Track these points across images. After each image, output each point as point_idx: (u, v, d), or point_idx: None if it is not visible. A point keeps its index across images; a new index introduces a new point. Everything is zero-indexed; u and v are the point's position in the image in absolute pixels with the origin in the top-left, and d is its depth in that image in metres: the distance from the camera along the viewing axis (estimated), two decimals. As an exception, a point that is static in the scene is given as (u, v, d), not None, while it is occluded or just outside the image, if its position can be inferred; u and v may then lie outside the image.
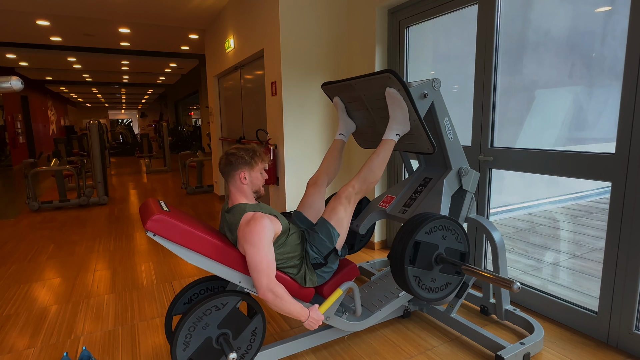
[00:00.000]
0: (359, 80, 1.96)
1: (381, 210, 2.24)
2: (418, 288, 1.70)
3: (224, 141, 5.85)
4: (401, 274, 1.67)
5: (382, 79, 1.83)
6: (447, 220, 1.75)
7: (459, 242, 1.79)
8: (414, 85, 1.86)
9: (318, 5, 3.41)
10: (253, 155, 1.78)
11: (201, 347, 1.60)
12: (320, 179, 2.14)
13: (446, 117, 1.96)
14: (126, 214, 5.13)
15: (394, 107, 1.85)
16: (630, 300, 1.87)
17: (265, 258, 1.59)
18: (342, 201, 1.82)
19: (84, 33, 6.33)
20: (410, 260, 1.68)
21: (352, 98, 2.12)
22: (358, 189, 1.84)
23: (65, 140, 10.74)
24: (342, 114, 2.25)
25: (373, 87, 1.93)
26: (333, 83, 2.15)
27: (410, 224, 1.72)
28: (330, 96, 2.28)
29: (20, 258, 3.47)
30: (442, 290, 1.78)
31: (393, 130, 1.88)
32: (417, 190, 2.17)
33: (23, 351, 2.04)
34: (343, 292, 1.82)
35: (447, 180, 2.02)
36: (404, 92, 1.79)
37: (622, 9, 1.89)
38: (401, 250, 1.67)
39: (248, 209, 1.73)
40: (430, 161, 2.23)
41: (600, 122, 2.34)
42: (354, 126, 2.28)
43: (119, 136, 18.13)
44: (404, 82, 1.78)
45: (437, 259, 1.72)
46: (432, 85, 1.88)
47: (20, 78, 1.18)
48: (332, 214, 1.82)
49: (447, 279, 1.78)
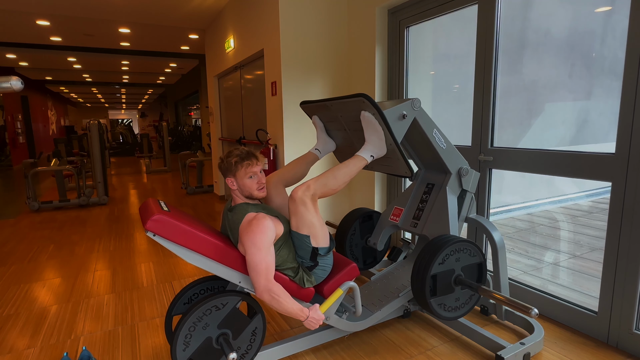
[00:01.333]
0: (334, 102, 1.93)
1: (393, 225, 2.30)
2: (445, 312, 1.83)
3: (224, 141, 5.85)
4: (427, 307, 1.80)
5: (356, 103, 1.80)
6: (455, 244, 1.80)
7: (472, 257, 1.86)
8: (389, 108, 1.81)
9: (318, 5, 3.41)
10: (233, 163, 1.73)
11: (201, 347, 1.60)
12: (271, 181, 2.05)
13: (434, 129, 1.95)
14: (126, 214, 5.13)
15: (369, 131, 1.82)
16: (630, 300, 1.87)
17: (265, 259, 1.59)
18: (298, 207, 1.72)
19: (84, 33, 6.33)
20: (431, 293, 1.78)
21: (330, 118, 2.10)
22: (314, 190, 1.72)
23: (65, 140, 10.74)
24: (321, 133, 2.20)
25: (349, 110, 1.89)
26: (311, 102, 2.13)
27: (422, 258, 1.79)
28: (309, 114, 2.25)
29: (20, 258, 3.47)
30: (467, 304, 1.89)
31: (368, 151, 1.84)
32: (423, 200, 2.20)
33: (23, 351, 2.04)
34: (343, 292, 1.82)
35: (450, 187, 2.05)
36: (378, 117, 1.76)
37: (622, 9, 1.89)
38: (420, 288, 1.77)
39: (250, 209, 1.73)
40: (429, 165, 2.23)
41: (599, 122, 2.34)
42: (333, 145, 2.24)
43: (119, 136, 18.13)
44: (378, 106, 1.74)
45: (456, 281, 1.83)
46: (411, 105, 1.85)
47: (20, 78, 1.18)
48: (300, 224, 1.74)
49: (469, 292, 1.88)
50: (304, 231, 1.74)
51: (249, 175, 1.74)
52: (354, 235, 2.45)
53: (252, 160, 1.75)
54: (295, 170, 2.10)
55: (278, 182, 2.05)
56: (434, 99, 3.39)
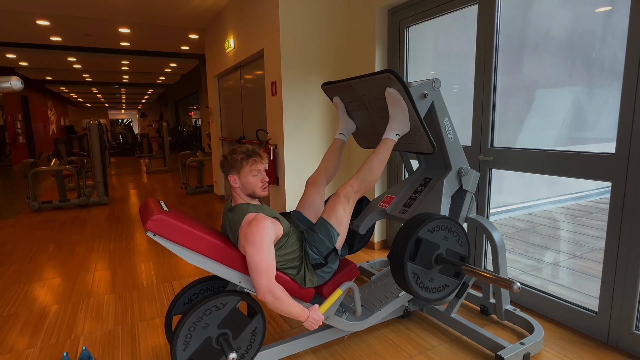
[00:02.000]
0: (358, 80, 1.96)
1: (381, 210, 2.24)
2: (416, 285, 1.68)
3: (224, 141, 5.85)
4: (400, 269, 1.66)
5: (382, 79, 1.83)
6: (450, 221, 1.75)
7: (460, 245, 1.78)
8: (414, 85, 1.85)
9: (318, 6, 3.41)
10: (239, 159, 1.73)
11: (201, 347, 1.60)
12: (319, 178, 2.14)
13: (446, 117, 1.96)
14: (126, 214, 5.13)
15: (394, 107, 1.85)
16: (630, 300, 1.87)
17: (266, 259, 1.59)
18: (341, 200, 1.81)
19: (84, 33, 6.33)
20: (410, 257, 1.66)
21: (352, 98, 2.12)
22: (357, 188, 1.83)
23: (65, 140, 10.73)
24: (342, 114, 2.24)
25: (373, 87, 1.92)
26: (333, 83, 2.15)
27: (413, 220, 1.71)
28: (330, 96, 2.28)
29: (20, 258, 3.47)
30: (439, 292, 1.76)
31: (393, 130, 1.87)
32: (417, 191, 2.17)
33: (23, 351, 2.04)
34: (343, 292, 1.82)
35: (447, 181, 2.02)
36: (404, 92, 1.79)
37: (622, 9, 1.89)
38: (402, 245, 1.65)
39: (250, 209, 1.73)
40: (430, 161, 2.23)
41: (600, 123, 2.34)
42: (354, 126, 2.28)
43: (119, 136, 18.12)
44: (404, 82, 1.77)
45: (437, 258, 1.71)
46: (432, 85, 1.88)
47: (20, 78, 1.18)
48: (332, 214, 1.81)
49: (445, 280, 1.77)
50: (332, 222, 1.80)
51: (254, 172, 1.74)
52: None
53: (257, 158, 1.75)
54: (333, 164, 2.19)
55: (324, 181, 2.15)
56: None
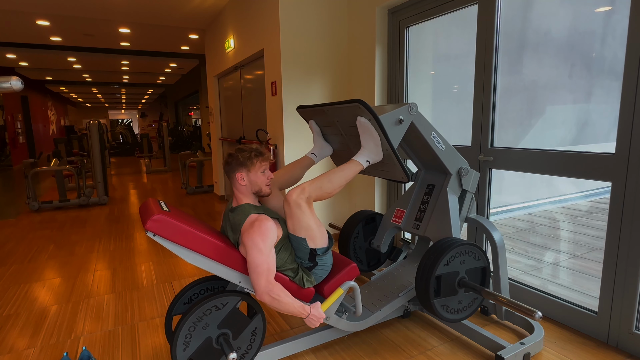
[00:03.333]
0: (330, 107, 1.93)
1: (395, 226, 2.31)
2: (448, 314, 1.83)
3: (224, 141, 5.85)
4: (430, 308, 1.79)
5: (352, 108, 1.79)
6: (461, 247, 1.80)
7: (477, 260, 1.86)
8: (387, 112, 1.80)
9: (318, 6, 3.41)
10: (250, 157, 1.74)
11: (201, 347, 1.60)
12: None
13: (432, 132, 1.95)
14: (126, 214, 5.13)
15: (365, 137, 1.81)
16: (630, 300, 1.87)
17: (266, 261, 1.59)
18: (293, 210, 1.71)
19: (84, 33, 6.33)
20: (435, 294, 1.78)
21: (326, 123, 2.09)
22: (309, 193, 1.71)
23: (65, 140, 10.73)
24: (318, 138, 2.20)
25: (345, 115, 1.89)
26: (307, 107, 2.13)
27: (428, 259, 1.80)
28: (306, 119, 2.25)
29: (20, 258, 3.47)
30: (470, 307, 1.89)
31: (363, 156, 1.84)
32: (424, 201, 2.20)
33: (23, 351, 2.04)
34: (344, 292, 1.82)
35: (450, 187, 2.05)
36: (374, 122, 1.75)
37: (622, 9, 1.89)
38: (424, 288, 1.77)
39: (252, 210, 1.73)
40: (429, 166, 2.23)
41: (600, 122, 2.34)
42: (330, 150, 2.23)
43: (119, 136, 18.12)
44: (374, 112, 1.73)
45: (460, 283, 1.83)
46: (408, 110, 1.83)
47: (20, 78, 1.18)
48: (296, 227, 1.73)
49: (472, 295, 1.88)
50: (301, 234, 1.73)
51: (263, 169, 1.78)
52: (357, 238, 2.45)
53: (265, 156, 1.80)
54: (290, 173, 2.11)
55: (273, 185, 2.05)
56: (434, 99, 3.39)
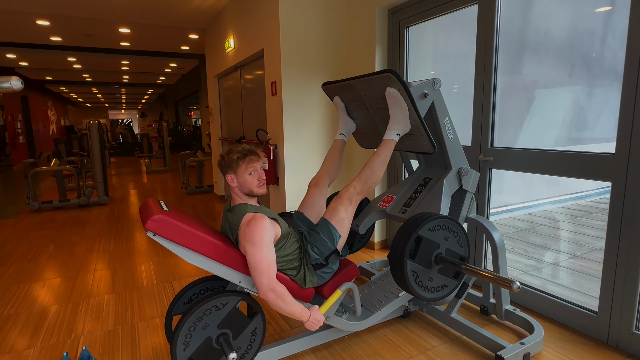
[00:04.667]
0: (359, 80, 1.96)
1: (381, 210, 2.24)
2: (415, 284, 1.69)
3: (224, 141, 5.85)
4: (400, 266, 1.66)
5: (382, 79, 1.83)
6: (451, 221, 1.75)
7: (460, 246, 1.78)
8: (414, 85, 1.85)
9: (318, 6, 3.41)
10: (234, 159, 1.73)
11: (201, 347, 1.60)
12: (321, 180, 2.14)
13: (446, 117, 1.96)
14: (126, 214, 5.13)
15: (394, 107, 1.85)
16: (630, 300, 1.87)
17: (266, 258, 1.59)
18: (343, 202, 1.82)
19: (84, 33, 6.33)
20: (410, 255, 1.67)
21: (352, 98, 2.12)
22: (359, 189, 1.84)
23: (65, 140, 10.74)
24: (343, 114, 2.24)
25: (373, 87, 1.92)
26: (333, 83, 2.15)
27: (414, 218, 1.72)
28: (331, 96, 2.28)
29: (20, 258, 3.47)
30: (438, 292, 1.76)
31: (393, 130, 1.87)
32: (417, 190, 2.17)
33: (23, 351, 2.04)
34: (343, 293, 1.82)
35: (447, 180, 2.02)
36: (404, 92, 1.79)
37: (622, 9, 1.89)
38: (403, 242, 1.66)
39: (249, 209, 1.73)
40: (430, 161, 2.23)
41: (600, 122, 2.34)
42: (354, 126, 2.28)
43: (119, 136, 18.12)
44: (404, 81, 1.77)
45: (437, 258, 1.71)
46: (432, 85, 1.88)
47: (20, 78, 1.18)
48: (334, 215, 1.82)
49: (444, 280, 1.77)
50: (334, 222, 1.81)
51: (250, 171, 1.74)
52: None
53: (253, 157, 1.76)
54: (334, 165, 2.19)
55: (325, 183, 2.14)
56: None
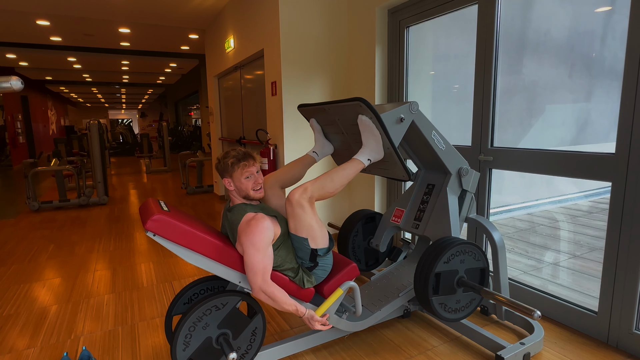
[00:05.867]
0: (332, 106, 1.93)
1: (395, 226, 2.31)
2: (445, 313, 1.82)
3: (224, 141, 5.85)
4: (428, 305, 1.79)
5: (353, 107, 1.79)
6: (462, 245, 1.80)
7: (477, 260, 1.87)
8: (387, 112, 1.80)
9: (318, 5, 3.41)
10: (232, 164, 1.72)
11: (201, 347, 1.60)
12: (268, 182, 2.03)
13: (432, 131, 1.95)
14: (126, 214, 5.13)
15: (366, 135, 1.81)
16: (630, 300, 1.87)
17: (262, 259, 1.60)
18: (295, 210, 1.70)
19: (84, 33, 6.33)
20: (433, 291, 1.78)
21: (327, 121, 2.09)
22: (311, 193, 1.70)
23: (65, 140, 10.73)
24: (319, 136, 2.20)
25: (346, 113, 1.89)
26: (308, 105, 2.13)
27: (428, 256, 1.80)
28: (307, 117, 2.25)
29: (20, 258, 3.47)
30: (467, 307, 1.89)
31: (364, 155, 1.83)
32: (424, 200, 2.20)
33: (23, 351, 2.04)
34: (343, 292, 1.82)
35: (450, 187, 2.05)
36: (375, 121, 1.75)
37: (622, 9, 1.89)
38: (423, 284, 1.77)
39: (249, 209, 1.73)
40: (429, 165, 2.23)
41: (599, 122, 2.34)
42: (331, 148, 2.23)
43: (119, 136, 18.12)
44: (375, 110, 1.73)
45: (459, 282, 1.83)
46: (409, 109, 1.83)
47: (20, 78, 1.18)
48: (298, 226, 1.72)
49: (471, 296, 1.88)
50: (303, 234, 1.73)
51: (246, 175, 1.73)
52: (356, 237, 2.45)
53: (248, 161, 1.74)
54: (292, 172, 2.09)
55: (274, 184, 2.04)
56: (434, 99, 3.39)
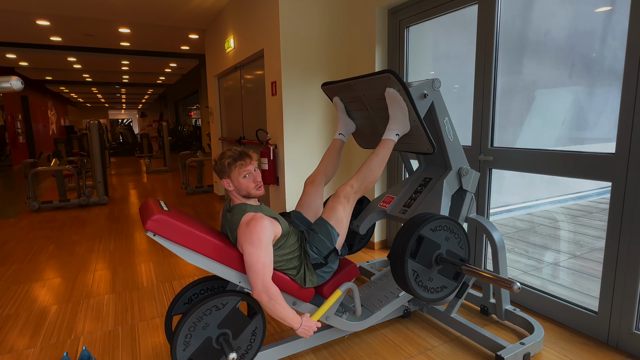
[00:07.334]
0: (358, 81, 1.96)
1: (381, 211, 2.24)
2: (415, 284, 1.68)
3: (224, 141, 5.85)
4: (401, 265, 1.65)
5: (381, 79, 1.83)
6: (452, 222, 1.75)
7: (460, 248, 1.78)
8: (413, 86, 1.85)
9: (318, 6, 3.41)
10: (228, 164, 1.72)
11: (201, 347, 1.60)
12: (317, 178, 2.14)
13: (446, 117, 1.96)
14: (126, 214, 5.13)
15: (393, 108, 1.85)
16: (630, 300, 1.87)
17: (262, 259, 1.59)
18: (340, 200, 1.81)
19: (84, 33, 6.32)
20: (411, 254, 1.67)
21: (351, 98, 2.12)
22: (357, 188, 1.83)
23: (65, 140, 10.73)
24: (342, 114, 2.24)
25: (373, 87, 1.92)
26: (333, 83, 2.15)
27: (416, 218, 1.72)
28: (330, 96, 2.28)
29: (20, 258, 3.47)
30: (437, 292, 1.76)
31: (392, 130, 1.87)
32: (417, 191, 2.17)
33: (23, 351, 2.04)
34: (343, 293, 1.82)
35: (447, 181, 2.02)
36: (403, 93, 1.79)
37: (622, 9, 1.89)
38: (404, 241, 1.65)
39: (249, 209, 1.73)
40: (430, 161, 2.23)
41: (600, 122, 2.34)
42: (354, 126, 2.28)
43: (119, 136, 18.12)
44: (404, 82, 1.77)
45: (438, 258, 1.71)
46: (432, 85, 1.88)
47: (20, 78, 1.18)
48: (331, 214, 1.81)
49: (443, 281, 1.76)
50: (333, 223, 1.80)
51: (244, 174, 1.73)
52: None
53: (245, 160, 1.74)
54: (332, 164, 2.19)
55: (322, 182, 2.14)
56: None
